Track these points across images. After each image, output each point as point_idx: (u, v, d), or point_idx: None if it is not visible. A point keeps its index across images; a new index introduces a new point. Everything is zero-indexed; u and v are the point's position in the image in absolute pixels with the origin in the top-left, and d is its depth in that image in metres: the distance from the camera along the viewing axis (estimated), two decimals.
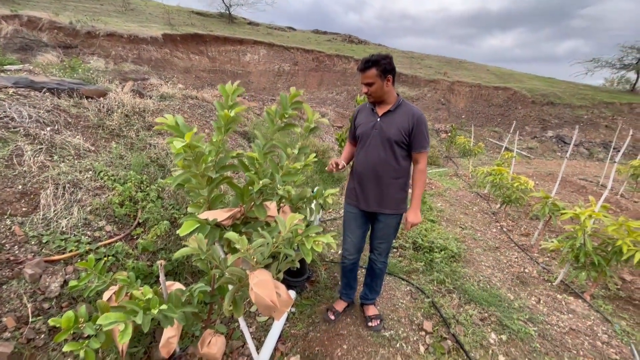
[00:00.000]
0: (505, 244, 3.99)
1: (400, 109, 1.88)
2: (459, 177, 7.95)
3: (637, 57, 20.03)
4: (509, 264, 3.44)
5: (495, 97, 16.76)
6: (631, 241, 2.54)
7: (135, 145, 3.21)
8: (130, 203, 2.57)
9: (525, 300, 2.71)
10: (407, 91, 16.91)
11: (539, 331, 2.32)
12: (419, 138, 1.86)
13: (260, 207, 1.31)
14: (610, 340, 2.32)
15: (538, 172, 8.86)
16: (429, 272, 2.98)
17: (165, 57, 14.19)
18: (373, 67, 1.77)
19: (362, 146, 1.95)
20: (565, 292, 2.93)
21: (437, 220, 4.34)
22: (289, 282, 2.55)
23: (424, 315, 2.39)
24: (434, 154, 9.83)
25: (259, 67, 18.04)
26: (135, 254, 2.27)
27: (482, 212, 5.19)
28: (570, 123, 15.20)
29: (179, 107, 4.33)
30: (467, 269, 3.14)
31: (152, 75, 10.30)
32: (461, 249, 3.44)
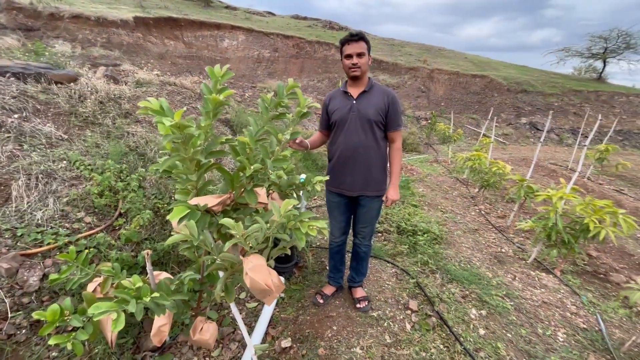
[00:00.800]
0: (484, 226, 4.16)
1: (374, 89, 1.90)
2: (439, 163, 8.14)
3: (604, 47, 20.93)
4: (487, 244, 3.60)
5: (473, 85, 17.13)
6: (597, 219, 2.72)
7: (112, 134, 3.07)
8: (110, 193, 2.47)
9: (502, 278, 2.86)
10: (388, 79, 16.97)
11: (514, 305, 2.47)
12: (395, 117, 1.90)
13: (251, 192, 1.29)
14: (579, 311, 2.50)
15: (513, 158, 9.23)
16: (413, 254, 3.08)
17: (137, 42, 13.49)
18: (363, 40, 1.79)
19: (341, 131, 1.92)
20: (538, 269, 3.11)
21: (420, 205, 4.46)
22: (277, 268, 2.56)
23: (409, 295, 2.48)
24: (415, 140, 10.00)
25: (237, 53, 17.51)
26: (119, 244, 2.21)
27: (461, 196, 5.37)
28: (543, 110, 15.82)
29: (157, 94, 4.15)
30: (449, 250, 3.27)
31: (125, 61, 9.78)
32: (443, 231, 3.56)
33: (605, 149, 6.66)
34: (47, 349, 1.65)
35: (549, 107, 16.18)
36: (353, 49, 1.78)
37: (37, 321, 1.73)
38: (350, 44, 1.79)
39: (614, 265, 3.32)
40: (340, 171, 1.97)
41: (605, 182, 6.96)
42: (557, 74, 21.93)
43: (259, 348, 1.82)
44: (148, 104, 1.03)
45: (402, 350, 1.93)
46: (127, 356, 1.72)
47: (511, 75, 18.25)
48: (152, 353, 1.83)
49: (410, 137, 10.04)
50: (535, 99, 16.62)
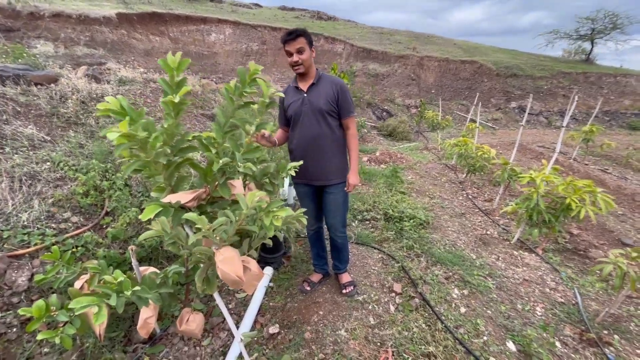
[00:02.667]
0: (470, 209, 4.24)
1: (323, 81, 1.95)
2: (429, 150, 8.21)
3: (592, 28, 20.98)
4: (473, 227, 3.68)
5: (462, 71, 17.12)
6: (577, 198, 2.80)
7: (96, 133, 3.07)
8: (95, 192, 2.49)
9: (486, 259, 2.95)
10: (378, 67, 16.90)
11: (496, 284, 2.56)
12: (345, 104, 1.95)
13: (224, 186, 1.32)
14: (557, 287, 2.60)
15: (502, 142, 9.32)
16: (399, 240, 3.15)
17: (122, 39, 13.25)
18: (302, 36, 1.80)
19: (296, 124, 1.96)
20: (521, 249, 3.20)
21: (407, 192, 4.53)
22: (265, 258, 2.62)
23: (394, 279, 2.55)
24: (405, 129, 10.04)
25: (225, 47, 17.27)
26: (106, 242, 2.24)
27: (449, 182, 5.45)
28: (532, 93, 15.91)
29: (140, 92, 4.13)
30: (435, 234, 3.34)
31: (109, 59, 9.63)
32: (429, 217, 3.63)
33: (590, 129, 6.77)
34: (38, 345, 1.70)
35: (538, 90, 16.27)
36: (291, 46, 1.80)
37: (28, 319, 1.77)
38: (288, 42, 1.81)
39: (594, 242, 3.43)
40: (304, 163, 1.97)
41: (591, 162, 7.09)
42: (547, 56, 21.99)
43: (247, 335, 1.88)
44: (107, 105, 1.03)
45: (386, 330, 2.01)
46: (118, 349, 1.77)
47: (500, 60, 18.27)
48: (144, 345, 1.88)
49: (401, 125, 10.07)
50: (525, 83, 16.69)
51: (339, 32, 19.98)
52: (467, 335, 2.00)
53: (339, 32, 19.75)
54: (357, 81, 14.86)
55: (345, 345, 1.89)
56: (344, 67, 16.08)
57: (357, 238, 3.20)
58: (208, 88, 6.01)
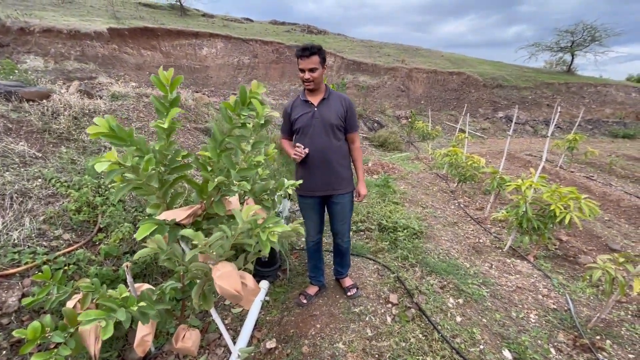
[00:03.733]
0: (463, 218, 4.31)
1: (333, 96, 2.05)
2: (420, 160, 8.33)
3: (572, 40, 21.85)
4: (466, 236, 3.73)
5: (450, 82, 17.56)
6: (562, 205, 2.88)
7: (89, 149, 3.05)
8: (88, 209, 2.47)
9: (479, 267, 2.99)
10: (368, 79, 17.22)
11: (490, 292, 2.59)
12: (353, 120, 2.09)
13: (219, 203, 1.33)
14: (550, 293, 2.64)
15: (491, 151, 9.53)
16: (394, 250, 3.17)
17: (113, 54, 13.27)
18: (316, 54, 1.87)
19: (305, 136, 2.03)
20: (513, 256, 3.26)
21: (400, 202, 4.58)
22: (261, 272, 2.61)
23: (390, 290, 2.56)
24: (396, 139, 10.19)
25: (217, 60, 17.42)
26: (99, 260, 2.21)
27: (441, 191, 5.53)
28: (518, 103, 16.36)
29: (133, 107, 4.14)
30: (429, 244, 3.38)
31: (100, 73, 9.62)
32: (422, 226, 3.68)
33: (574, 138, 6.98)
34: None
35: (523, 100, 16.76)
36: (305, 64, 1.88)
37: (17, 341, 1.72)
38: (302, 59, 1.88)
39: (583, 248, 3.51)
40: (311, 173, 2.07)
41: (577, 169, 7.29)
42: (530, 68, 22.75)
43: (244, 351, 1.86)
44: (96, 129, 1.02)
45: (383, 342, 2.01)
46: None
47: (487, 71, 18.82)
48: None
49: (392, 136, 10.22)
50: (511, 93, 17.19)
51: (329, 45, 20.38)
52: (464, 344, 2.02)
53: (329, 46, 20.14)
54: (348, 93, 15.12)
55: (343, 358, 1.89)
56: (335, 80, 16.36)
57: (352, 249, 3.22)
58: (201, 102, 6.04)
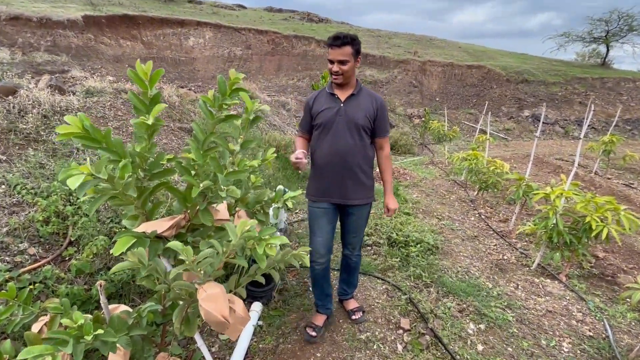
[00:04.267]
0: (484, 231, 4.30)
1: (363, 93, 2.04)
2: (435, 165, 8.35)
3: (606, 30, 22.02)
4: (488, 252, 3.72)
5: (469, 77, 17.68)
6: (598, 217, 2.87)
7: (59, 152, 3.08)
8: (57, 219, 2.47)
9: (503, 287, 2.97)
10: (376, 74, 17.35)
11: (516, 316, 2.57)
12: (383, 123, 2.08)
13: (205, 212, 1.33)
14: (585, 318, 2.62)
15: (516, 155, 9.55)
16: (405, 268, 3.16)
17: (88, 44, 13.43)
18: (349, 44, 1.86)
19: (326, 134, 2.02)
20: (542, 275, 3.24)
21: (413, 213, 4.58)
22: (253, 293, 2.60)
23: (401, 313, 2.55)
24: (408, 141, 10.23)
25: (205, 52, 17.60)
26: (69, 277, 2.21)
27: (459, 200, 5.53)
28: (546, 101, 16.43)
29: (110, 104, 4.17)
30: (445, 261, 3.37)
31: (74, 66, 9.71)
32: (438, 240, 3.67)
33: (611, 140, 6.99)
34: None
35: (552, 97, 16.82)
36: (335, 54, 1.88)
37: None
38: (333, 48, 1.88)
39: (622, 265, 3.49)
40: (328, 178, 2.06)
41: (614, 176, 7.28)
42: (559, 61, 22.90)
43: None
44: (67, 129, 1.01)
45: None
46: None
47: (510, 65, 18.94)
48: None
49: (403, 137, 10.27)
50: (538, 89, 17.27)
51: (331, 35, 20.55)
52: None
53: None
54: None
55: None
56: None
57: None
58: (186, 98, 6.09)
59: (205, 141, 1.31)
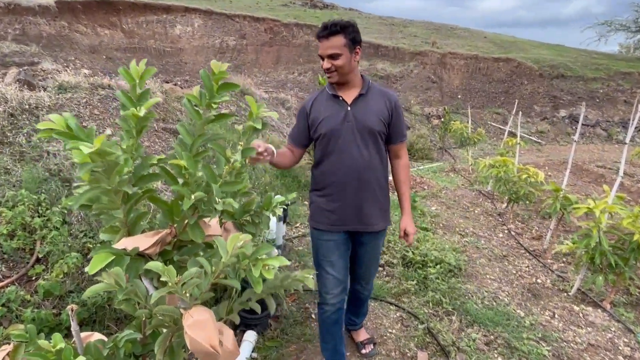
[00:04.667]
0: (514, 250, 4.28)
1: (373, 92, 1.92)
2: (457, 172, 8.35)
3: None
4: (519, 274, 3.71)
5: (496, 71, 17.75)
6: None
7: (27, 155, 3.11)
8: (24, 233, 2.50)
9: (537, 316, 2.95)
10: (389, 67, 17.47)
11: (553, 350, 2.55)
12: (400, 126, 1.97)
13: (195, 227, 1.33)
14: (634, 353, 2.60)
15: (551, 161, 9.53)
16: (423, 292, 3.15)
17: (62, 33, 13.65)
18: (340, 33, 1.73)
19: (333, 148, 1.88)
20: (583, 302, 3.22)
21: (432, 228, 4.57)
22: (247, 320, 2.59)
23: (417, 345, 2.54)
24: (425, 145, 10.25)
25: (193, 42, 17.83)
26: (36, 300, 2.22)
27: (485, 213, 5.52)
28: (585, 99, 16.42)
29: (86, 101, 4.23)
30: (469, 284, 3.36)
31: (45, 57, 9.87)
32: (461, 260, 3.66)
33: None
34: None
35: (592, 95, 16.82)
36: (324, 48, 1.76)
37: None
38: (321, 40, 1.76)
39: None
40: (341, 201, 1.92)
41: None
42: (600, 53, 22.95)
43: None
44: (50, 124, 1.05)
45: None
46: None
47: (543, 57, 19.01)
48: None
49: (420, 141, 10.30)
50: (576, 86, 17.29)
51: None
52: None
53: None
54: None
55: None
56: None
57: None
58: (172, 95, 6.16)
59: (194, 145, 1.32)
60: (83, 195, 1.13)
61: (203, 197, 1.24)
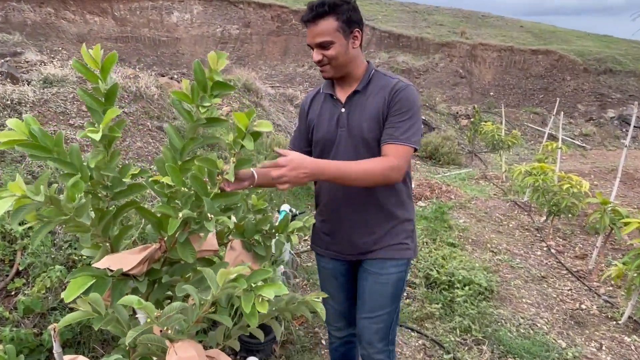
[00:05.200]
0: (555, 271, 4.23)
1: (374, 84, 1.66)
2: (489, 180, 8.29)
3: None
4: (560, 298, 3.66)
5: (534, 65, 17.63)
6: None
7: (8, 156, 3.19)
8: (3, 242, 2.55)
9: (582, 348, 2.91)
10: (411, 60, 17.47)
11: None
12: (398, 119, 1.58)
13: (186, 245, 1.31)
14: None
15: (597, 169, 9.38)
16: (449, 317, 3.13)
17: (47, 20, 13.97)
18: (330, 14, 1.51)
19: (326, 155, 1.73)
20: (635, 332, 3.16)
21: (459, 244, 4.54)
22: (248, 345, 2.60)
23: None
24: (452, 148, 10.19)
25: (192, 31, 18.08)
26: (15, 317, 2.25)
27: (521, 228, 5.46)
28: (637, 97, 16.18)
29: (73, 96, 4.32)
30: (502, 309, 3.32)
31: (28, 47, 10.10)
32: (493, 281, 3.63)
33: None
34: None
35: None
36: (311, 35, 1.56)
37: None
38: (307, 26, 1.57)
39: None
40: (330, 223, 1.83)
41: None
42: None
43: None
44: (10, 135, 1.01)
45: None
46: None
47: (588, 50, 18.82)
48: None
49: (446, 143, 10.24)
50: (626, 83, 17.06)
51: None
52: None
53: None
54: None
55: None
56: None
57: None
58: (168, 89, 6.24)
59: (185, 150, 1.30)
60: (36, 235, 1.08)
61: (191, 215, 1.22)
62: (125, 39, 16.17)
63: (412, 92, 1.60)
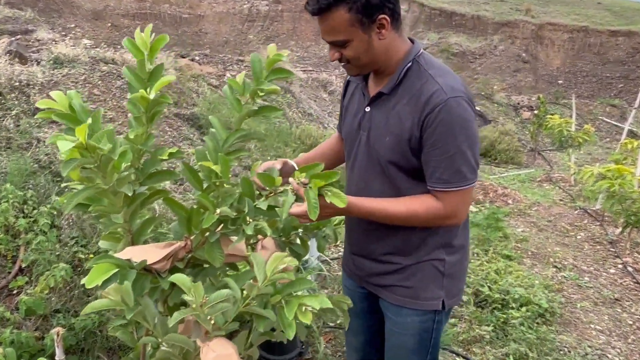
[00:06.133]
0: (631, 292, 4.08)
1: (407, 85, 1.43)
2: (554, 183, 8.10)
3: None
4: (637, 325, 3.54)
5: (612, 49, 16.99)
6: None
7: (14, 142, 3.31)
8: (6, 236, 2.64)
9: None
10: (465, 42, 17.16)
11: None
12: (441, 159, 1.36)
13: (215, 246, 1.34)
14: None
15: None
16: (502, 342, 3.07)
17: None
18: (338, 4, 1.28)
19: (348, 161, 1.66)
20: None
21: (516, 257, 4.45)
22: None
23: None
24: (512, 145, 9.96)
25: (216, 7, 18.36)
26: (16, 319, 2.34)
27: (592, 240, 5.30)
28: None
29: (84, 78, 4.46)
30: (566, 335, 3.24)
31: (41, 24, 10.51)
32: (555, 302, 3.55)
33: None
34: None
35: None
36: (323, 31, 1.39)
37: None
38: (318, 17, 1.36)
39: None
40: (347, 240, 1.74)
41: None
42: None
43: None
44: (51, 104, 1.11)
45: None
46: None
47: None
48: None
49: (504, 139, 10.04)
50: None
51: None
52: None
53: None
54: None
55: None
56: None
57: None
58: (188, 73, 6.37)
59: (227, 141, 1.34)
60: (77, 195, 1.16)
61: (230, 215, 1.25)
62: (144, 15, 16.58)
63: (453, 111, 1.33)
